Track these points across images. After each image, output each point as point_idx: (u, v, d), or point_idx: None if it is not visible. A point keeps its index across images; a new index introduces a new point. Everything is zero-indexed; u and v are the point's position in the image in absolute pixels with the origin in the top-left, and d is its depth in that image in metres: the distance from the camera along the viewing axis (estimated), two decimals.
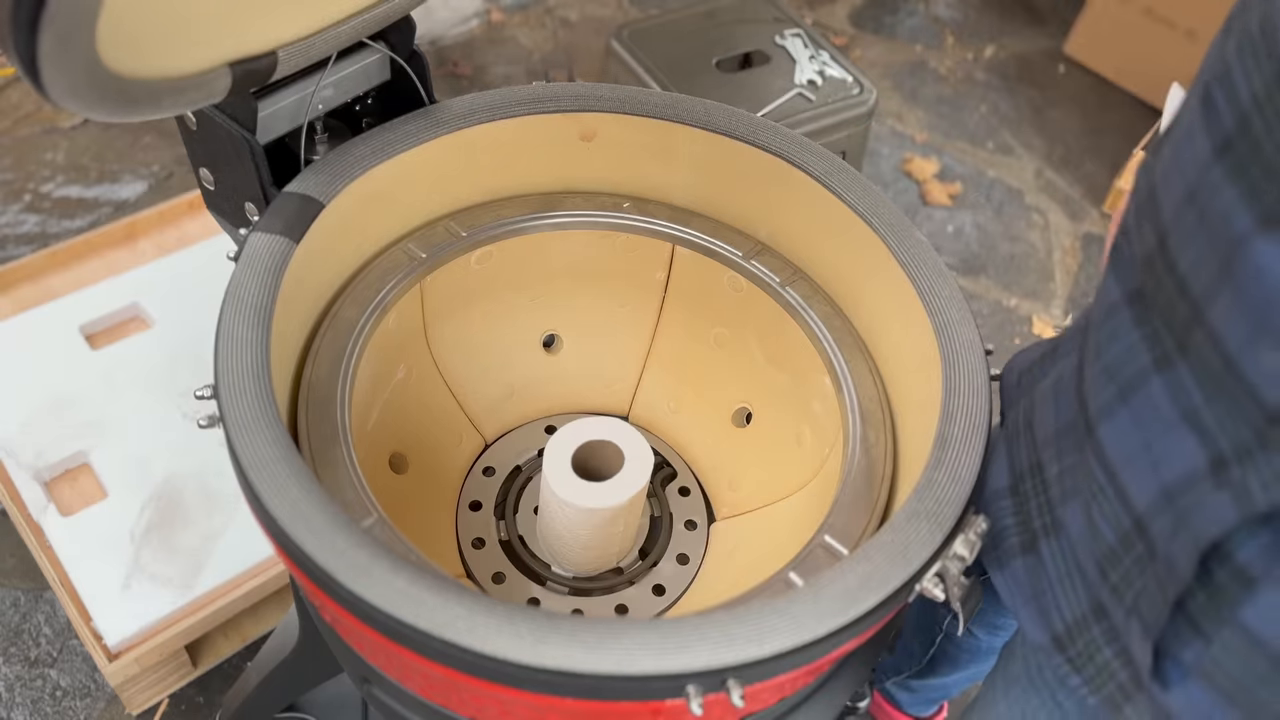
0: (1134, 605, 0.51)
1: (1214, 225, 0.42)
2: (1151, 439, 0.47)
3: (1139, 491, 0.49)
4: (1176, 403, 0.45)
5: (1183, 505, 0.46)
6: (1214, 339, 0.43)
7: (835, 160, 0.74)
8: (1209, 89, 0.43)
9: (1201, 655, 0.49)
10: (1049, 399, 0.59)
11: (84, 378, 1.26)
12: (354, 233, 0.73)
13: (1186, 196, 0.44)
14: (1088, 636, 0.55)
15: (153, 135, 1.80)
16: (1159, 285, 0.46)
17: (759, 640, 0.50)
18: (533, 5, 2.17)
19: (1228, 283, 0.42)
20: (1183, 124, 0.46)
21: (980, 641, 0.99)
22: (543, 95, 0.78)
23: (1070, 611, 0.56)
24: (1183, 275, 0.44)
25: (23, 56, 0.45)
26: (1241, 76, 0.41)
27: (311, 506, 0.53)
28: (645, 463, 0.71)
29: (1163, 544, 0.48)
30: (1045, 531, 0.58)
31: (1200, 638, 0.49)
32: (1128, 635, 0.52)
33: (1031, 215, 1.91)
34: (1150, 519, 0.48)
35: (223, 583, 1.11)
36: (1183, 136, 0.45)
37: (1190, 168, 0.44)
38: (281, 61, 0.64)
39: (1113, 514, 0.51)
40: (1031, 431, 0.60)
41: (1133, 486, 0.49)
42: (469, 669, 0.50)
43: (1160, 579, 0.49)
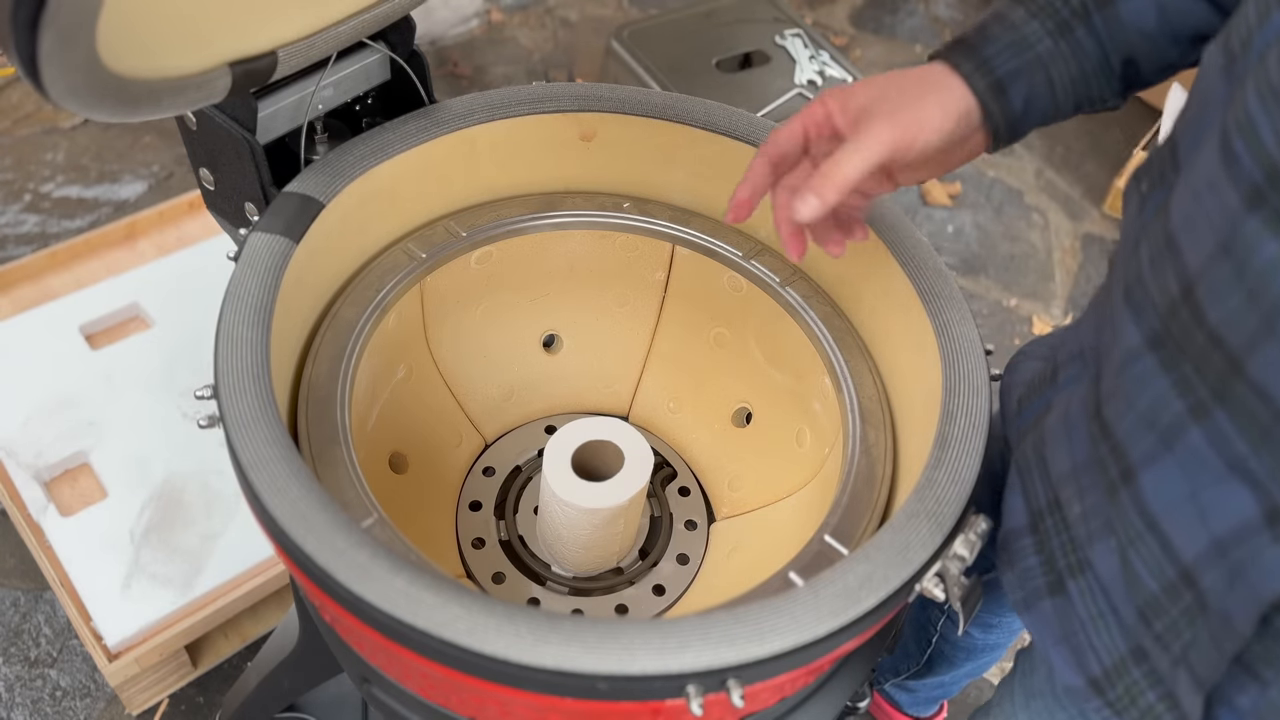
0: (1182, 655, 0.50)
1: (1256, 279, 0.41)
2: (1197, 489, 0.46)
3: (1185, 542, 0.48)
4: (1221, 453, 0.44)
5: (1237, 558, 0.45)
6: (1259, 392, 0.42)
7: None
8: (1228, 138, 0.42)
9: (1259, 700, 0.48)
10: (1060, 435, 0.58)
11: (84, 378, 1.26)
12: (354, 233, 0.73)
13: (1219, 249, 0.43)
14: (1128, 680, 0.54)
15: (153, 135, 1.80)
16: (1186, 334, 0.45)
17: (759, 640, 0.50)
18: (533, 5, 2.17)
19: (1272, 337, 0.41)
20: (1200, 172, 0.45)
21: (976, 640, 0.99)
22: (543, 95, 0.78)
23: (1108, 655, 0.55)
24: (1215, 326, 0.43)
25: (23, 56, 0.45)
26: (1268, 129, 0.40)
27: (311, 506, 0.53)
28: (645, 463, 0.71)
29: (1216, 599, 0.47)
30: (1072, 571, 0.56)
31: (1257, 682, 0.48)
32: (1174, 683, 0.51)
33: (1031, 215, 1.91)
34: (1200, 571, 0.47)
35: (223, 583, 1.11)
36: (1203, 186, 0.44)
37: (1219, 219, 0.43)
38: (281, 61, 0.64)
39: (1154, 562, 0.50)
40: (1045, 467, 0.59)
41: (1177, 536, 0.48)
42: (469, 669, 0.50)
43: (1215, 634, 0.48)
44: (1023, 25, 0.54)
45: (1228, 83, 0.45)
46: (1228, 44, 0.45)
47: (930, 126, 0.54)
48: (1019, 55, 0.54)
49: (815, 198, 0.53)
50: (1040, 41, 0.54)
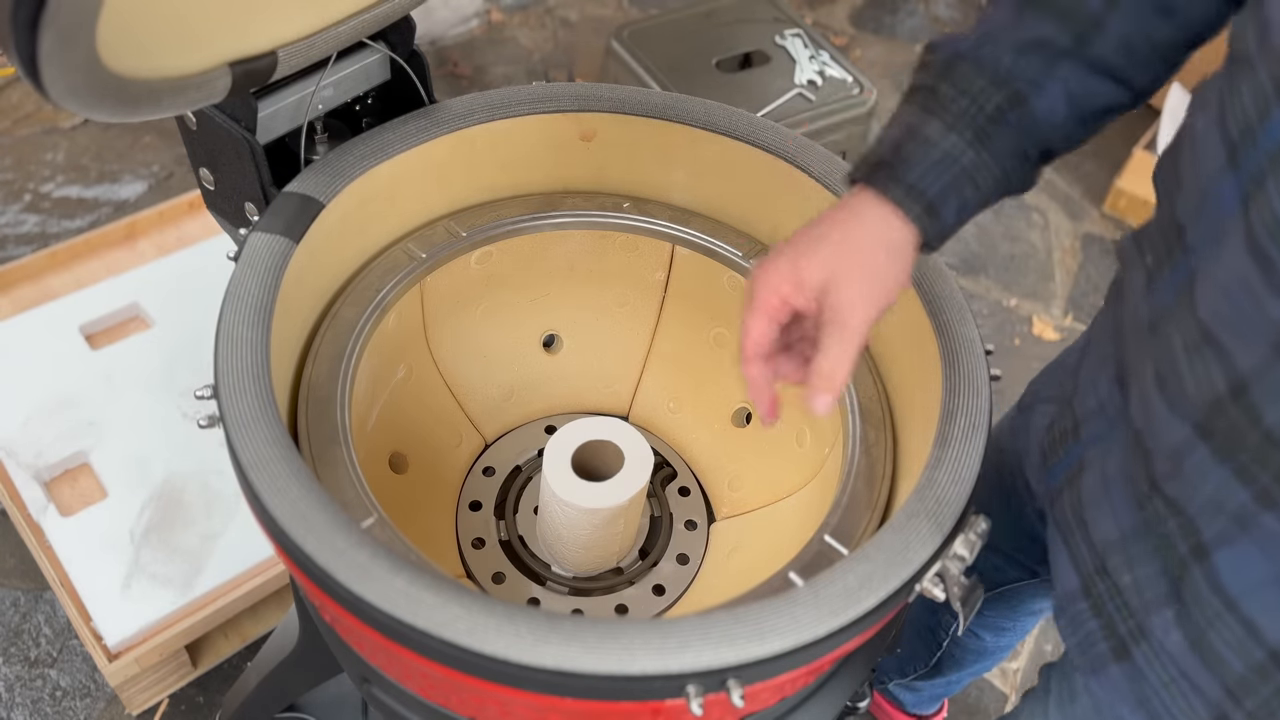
0: None
1: None
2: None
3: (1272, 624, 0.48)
4: None
5: None
6: None
7: (835, 160, 0.74)
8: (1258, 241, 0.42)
9: None
10: (1100, 499, 0.57)
11: (84, 378, 1.26)
12: (354, 233, 0.73)
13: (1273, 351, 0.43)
14: None
15: (153, 135, 1.80)
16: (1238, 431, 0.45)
17: (759, 640, 0.50)
18: (533, 5, 2.17)
19: None
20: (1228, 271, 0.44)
21: (986, 643, 0.99)
22: (543, 95, 0.78)
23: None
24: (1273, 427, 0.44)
25: (23, 56, 0.45)
26: None
27: (311, 506, 0.53)
28: (645, 463, 0.71)
29: None
30: (1134, 638, 0.56)
31: None
32: None
33: (1031, 215, 1.91)
34: None
35: (223, 583, 1.11)
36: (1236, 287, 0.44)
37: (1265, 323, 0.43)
38: (281, 61, 0.64)
39: (1238, 644, 0.50)
40: (1087, 531, 0.58)
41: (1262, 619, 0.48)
42: (469, 669, 0.50)
43: None
44: (941, 140, 0.53)
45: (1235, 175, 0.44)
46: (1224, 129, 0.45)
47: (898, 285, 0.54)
48: (945, 172, 0.53)
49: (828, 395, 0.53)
50: (963, 154, 0.53)
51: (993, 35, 0.53)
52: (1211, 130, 0.46)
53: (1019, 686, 1.31)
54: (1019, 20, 0.53)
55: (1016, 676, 1.32)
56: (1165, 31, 0.52)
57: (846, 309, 0.52)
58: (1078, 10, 0.52)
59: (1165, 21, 0.52)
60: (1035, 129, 0.53)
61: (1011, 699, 1.30)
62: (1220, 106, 0.45)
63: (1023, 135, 0.53)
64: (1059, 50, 0.52)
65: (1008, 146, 0.53)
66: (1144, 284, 0.52)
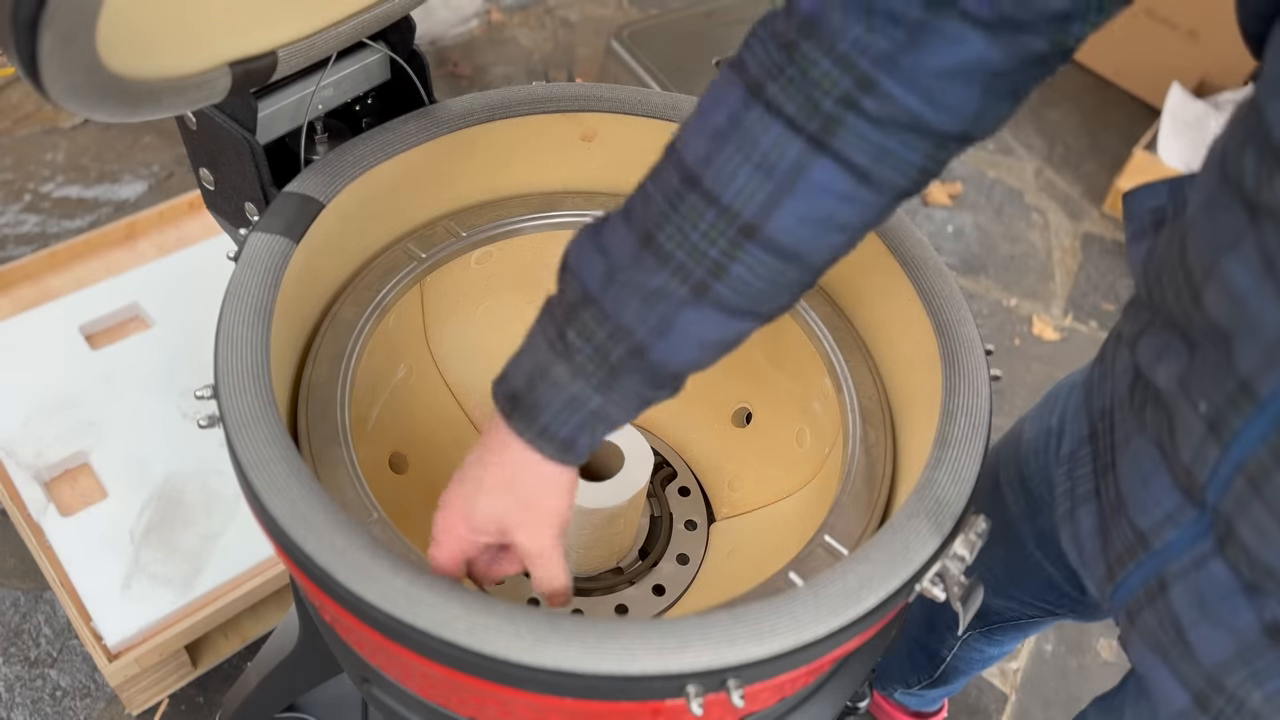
0: None
1: None
2: None
3: None
4: None
5: None
6: None
7: None
8: None
9: None
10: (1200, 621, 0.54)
11: (84, 378, 1.26)
12: (354, 233, 0.73)
13: None
14: None
15: (153, 135, 1.80)
16: None
17: (759, 640, 0.50)
18: (533, 5, 2.17)
19: None
20: None
21: (989, 652, 0.99)
22: (543, 95, 0.78)
23: None
24: None
25: (23, 56, 0.45)
26: None
27: (311, 506, 0.53)
28: (645, 463, 0.71)
29: None
30: None
31: None
32: None
33: (1031, 215, 1.91)
34: None
35: (223, 583, 1.11)
36: None
37: None
38: (281, 61, 0.64)
39: None
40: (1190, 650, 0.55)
41: None
42: (469, 669, 0.50)
43: None
44: (569, 384, 0.53)
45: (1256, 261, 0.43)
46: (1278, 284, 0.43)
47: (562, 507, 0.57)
48: (574, 414, 0.53)
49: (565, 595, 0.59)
50: (590, 399, 0.53)
51: (615, 275, 0.51)
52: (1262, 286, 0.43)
53: (1019, 686, 1.31)
54: (639, 262, 0.51)
55: (1016, 676, 1.32)
56: (791, 274, 0.51)
57: (527, 542, 0.56)
58: (695, 260, 0.49)
59: (789, 265, 0.50)
60: (662, 369, 0.53)
61: (1011, 699, 1.30)
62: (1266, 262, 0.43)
63: (651, 376, 0.53)
64: (679, 300, 0.50)
65: (637, 384, 0.53)
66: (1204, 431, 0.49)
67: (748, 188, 0.48)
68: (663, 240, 0.50)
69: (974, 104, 0.46)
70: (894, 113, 0.46)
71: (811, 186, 0.48)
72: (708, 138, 0.49)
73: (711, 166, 0.49)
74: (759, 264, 0.50)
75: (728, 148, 0.48)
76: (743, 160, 0.48)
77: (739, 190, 0.48)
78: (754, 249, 0.49)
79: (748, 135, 0.48)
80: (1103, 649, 1.35)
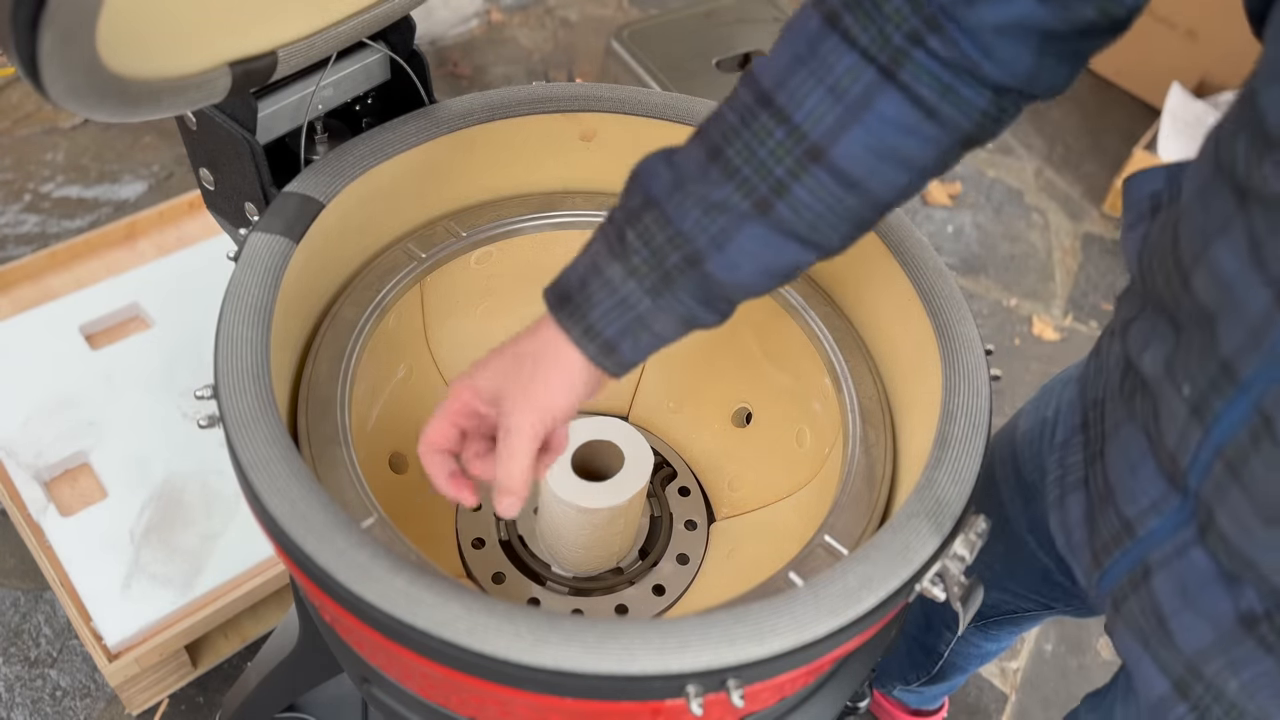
0: None
1: None
2: None
3: None
4: None
5: None
6: None
7: None
8: None
9: None
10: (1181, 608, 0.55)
11: (84, 378, 1.26)
12: (354, 233, 0.73)
13: None
14: None
15: (153, 135, 1.80)
16: None
17: (759, 640, 0.50)
18: (533, 5, 2.17)
19: None
20: None
21: (987, 649, 0.99)
22: (543, 95, 0.78)
23: None
24: None
25: (23, 56, 0.45)
26: None
27: (311, 506, 0.53)
28: (645, 463, 0.71)
29: None
30: None
31: None
32: None
33: (1031, 215, 1.91)
34: None
35: (223, 583, 1.11)
36: None
37: None
38: (281, 61, 0.64)
39: None
40: (1170, 638, 0.56)
41: None
42: (469, 669, 0.50)
43: None
44: (621, 285, 0.54)
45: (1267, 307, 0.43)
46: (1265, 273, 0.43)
47: (561, 401, 0.56)
48: (623, 315, 0.54)
49: (512, 497, 0.57)
50: (640, 302, 0.54)
51: (683, 184, 0.53)
52: (1248, 270, 0.43)
53: (1019, 686, 1.31)
54: (705, 175, 0.52)
55: (1016, 676, 1.32)
56: (851, 203, 0.52)
57: (508, 415, 0.56)
58: (761, 176, 0.51)
59: (850, 194, 0.51)
60: (715, 285, 0.53)
61: (1011, 699, 1.30)
62: (1253, 245, 0.43)
63: (703, 290, 0.53)
64: (741, 214, 0.52)
65: (688, 297, 0.54)
66: (1186, 414, 0.49)
67: (818, 110, 0.50)
68: (731, 155, 0.51)
69: (1028, 62, 0.48)
70: (956, 57, 0.48)
71: (878, 116, 0.49)
72: (784, 63, 0.51)
73: (785, 89, 0.50)
74: (821, 188, 0.51)
75: (802, 72, 0.50)
76: (816, 84, 0.50)
77: (809, 112, 0.50)
78: (818, 171, 0.50)
79: (822, 61, 0.49)
80: (1103, 648, 1.35)
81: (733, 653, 0.49)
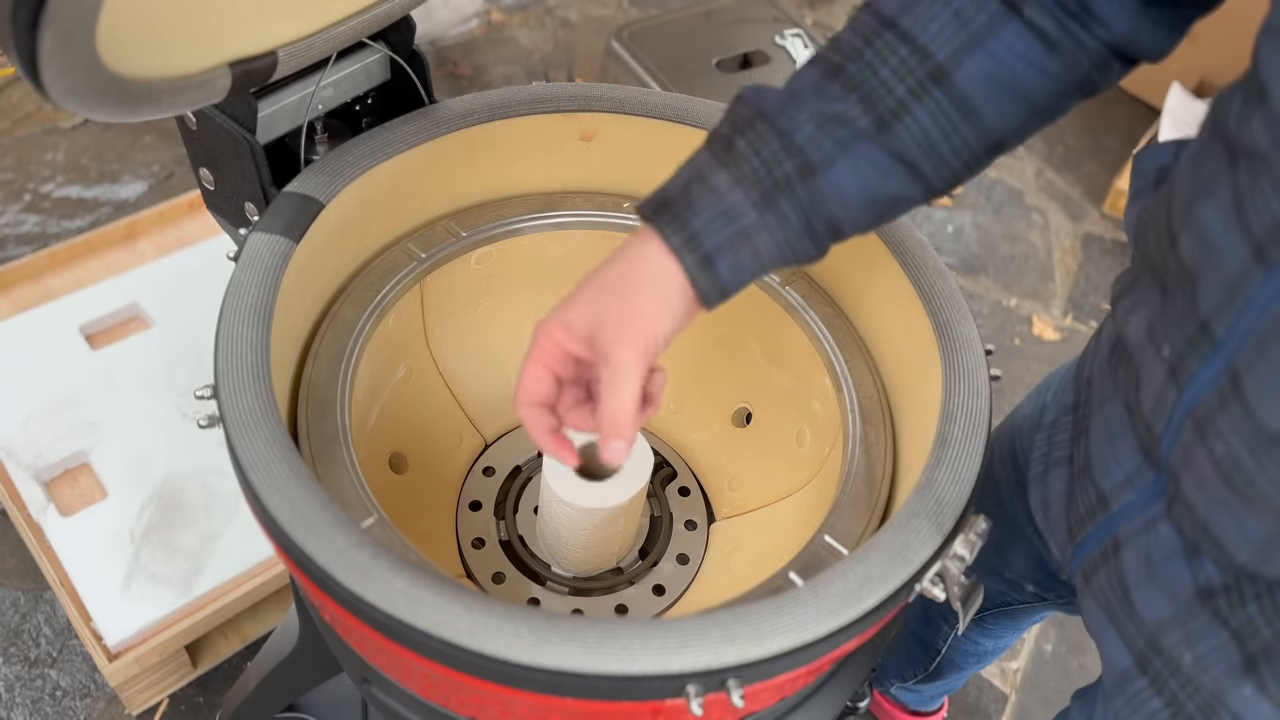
0: None
1: None
2: None
3: None
4: None
5: None
6: None
7: None
8: None
9: None
10: (1144, 579, 0.55)
11: (84, 378, 1.26)
12: (354, 233, 0.73)
13: None
14: None
15: (153, 135, 1.80)
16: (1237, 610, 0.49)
17: (759, 640, 0.50)
18: (533, 5, 2.17)
19: None
20: None
21: (985, 646, 0.99)
22: (543, 95, 0.78)
23: None
24: None
25: (23, 56, 0.45)
26: None
27: (311, 506, 0.53)
28: (645, 463, 0.71)
29: None
30: (1204, 714, 0.55)
31: None
32: None
33: (1031, 215, 1.91)
34: None
35: (223, 583, 1.11)
36: None
37: None
38: (281, 61, 0.64)
39: None
40: (1134, 610, 0.57)
41: None
42: (469, 669, 0.50)
43: None
44: (728, 193, 0.51)
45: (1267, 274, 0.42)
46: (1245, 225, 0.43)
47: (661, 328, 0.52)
48: (726, 226, 0.51)
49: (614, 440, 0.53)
50: (746, 214, 0.51)
51: (798, 99, 0.52)
52: (1229, 226, 0.44)
53: (1019, 686, 1.31)
54: (822, 90, 0.51)
55: (1016, 676, 1.32)
56: (966, 134, 0.52)
57: (609, 349, 0.52)
58: (882, 94, 0.51)
59: (966, 123, 0.51)
60: (822, 204, 0.52)
61: (1011, 699, 1.30)
62: (1236, 201, 0.43)
63: (809, 208, 0.52)
64: (858, 130, 0.51)
65: (793, 215, 0.52)
66: (1164, 375, 0.50)
67: (944, 33, 0.50)
68: (853, 71, 0.51)
69: (1128, 22, 0.50)
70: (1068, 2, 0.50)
71: (1002, 45, 0.50)
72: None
73: (911, 13, 0.51)
74: (940, 112, 0.51)
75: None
76: (942, 8, 0.50)
77: (935, 34, 0.50)
78: (939, 95, 0.51)
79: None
80: None
81: (733, 653, 0.49)
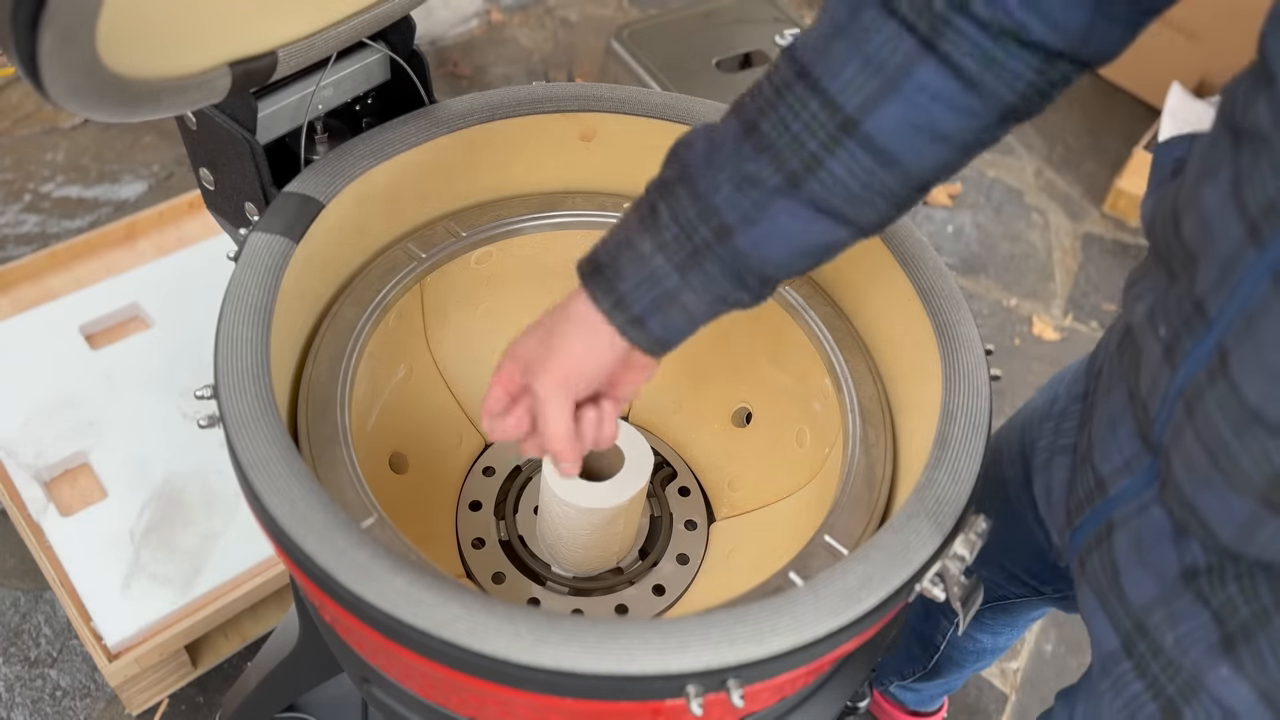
0: None
1: None
2: None
3: None
4: None
5: None
6: None
7: None
8: None
9: None
10: (1133, 562, 0.56)
11: (84, 378, 1.26)
12: (354, 233, 0.73)
13: None
14: None
15: (153, 135, 1.80)
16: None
17: (759, 640, 0.50)
18: (533, 5, 2.17)
19: None
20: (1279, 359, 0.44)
21: (984, 644, 0.99)
22: (543, 95, 0.78)
23: None
24: None
25: (23, 56, 0.45)
26: None
27: (311, 506, 0.53)
28: (645, 463, 0.71)
29: None
30: (1184, 697, 0.55)
31: None
32: None
33: (1031, 215, 1.91)
34: None
35: (223, 583, 1.11)
36: None
37: None
38: (281, 61, 0.64)
39: None
40: (1122, 592, 0.57)
41: None
42: (469, 669, 0.50)
43: None
44: (650, 259, 0.53)
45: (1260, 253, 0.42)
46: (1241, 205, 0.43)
47: (584, 365, 0.56)
48: (651, 290, 0.53)
49: (564, 461, 0.58)
50: (668, 277, 0.53)
51: (719, 153, 0.52)
52: (1226, 206, 0.44)
53: (1019, 686, 1.31)
54: (738, 149, 0.51)
55: (1016, 676, 1.32)
56: (887, 180, 0.50)
57: (533, 379, 0.57)
58: (794, 150, 0.50)
59: (886, 170, 0.50)
60: (745, 260, 0.52)
61: (1011, 699, 1.30)
62: (1235, 181, 0.43)
63: (733, 264, 0.52)
64: (771, 189, 0.50)
65: (718, 273, 0.53)
66: (1161, 356, 0.50)
67: (855, 81, 0.48)
68: (765, 129, 0.50)
69: (1081, 20, 0.46)
70: (1001, 19, 0.46)
71: (917, 87, 0.48)
72: (823, 33, 0.50)
73: (823, 59, 0.49)
74: (855, 163, 0.50)
75: (841, 42, 0.49)
76: (854, 54, 0.48)
77: (846, 83, 0.48)
78: (852, 145, 0.49)
79: (862, 31, 0.48)
80: None
81: (733, 653, 0.49)
